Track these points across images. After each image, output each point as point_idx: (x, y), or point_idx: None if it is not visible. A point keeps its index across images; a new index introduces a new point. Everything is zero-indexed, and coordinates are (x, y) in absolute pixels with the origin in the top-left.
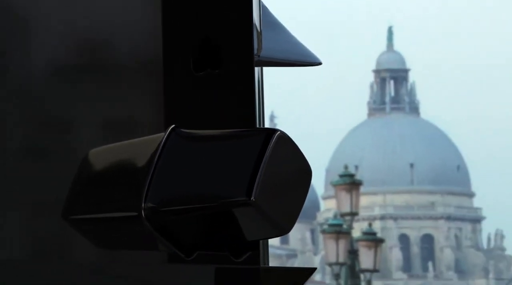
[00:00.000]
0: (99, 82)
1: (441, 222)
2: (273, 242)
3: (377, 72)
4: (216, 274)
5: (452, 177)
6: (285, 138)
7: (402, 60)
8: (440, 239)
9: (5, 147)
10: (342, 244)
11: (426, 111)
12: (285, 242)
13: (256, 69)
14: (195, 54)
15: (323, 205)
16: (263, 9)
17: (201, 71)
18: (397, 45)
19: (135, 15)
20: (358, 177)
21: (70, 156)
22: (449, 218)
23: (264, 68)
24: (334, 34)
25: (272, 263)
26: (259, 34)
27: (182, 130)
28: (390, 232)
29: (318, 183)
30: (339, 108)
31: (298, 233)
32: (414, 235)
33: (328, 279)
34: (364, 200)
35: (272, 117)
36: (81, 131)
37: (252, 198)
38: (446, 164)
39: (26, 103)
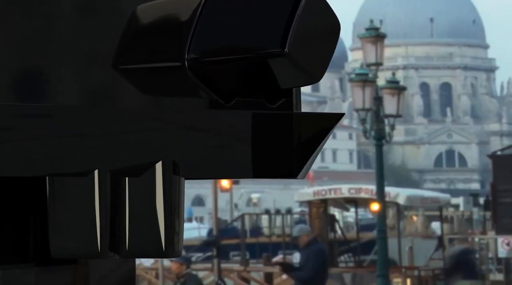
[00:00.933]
0: None
1: (458, 72)
2: (305, 89)
3: None
4: (253, 118)
5: (468, 30)
6: None
7: None
8: (457, 87)
9: (61, 4)
10: (368, 91)
11: None
12: (316, 89)
13: None
14: None
15: (351, 56)
16: None
17: None
18: None
19: None
20: (382, 30)
21: (120, 10)
22: (465, 67)
23: None
24: None
25: (304, 109)
26: None
27: None
28: (411, 81)
29: (346, 36)
30: None
31: (327, 81)
32: (434, 83)
33: (355, 123)
34: (388, 52)
35: None
36: None
37: (286, 49)
38: (463, 18)
39: None
